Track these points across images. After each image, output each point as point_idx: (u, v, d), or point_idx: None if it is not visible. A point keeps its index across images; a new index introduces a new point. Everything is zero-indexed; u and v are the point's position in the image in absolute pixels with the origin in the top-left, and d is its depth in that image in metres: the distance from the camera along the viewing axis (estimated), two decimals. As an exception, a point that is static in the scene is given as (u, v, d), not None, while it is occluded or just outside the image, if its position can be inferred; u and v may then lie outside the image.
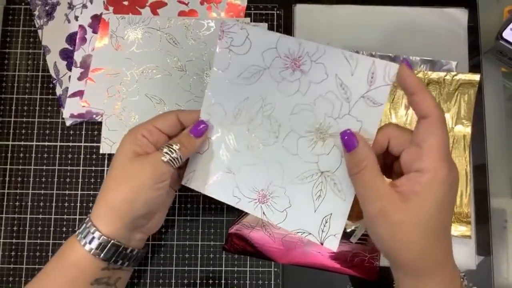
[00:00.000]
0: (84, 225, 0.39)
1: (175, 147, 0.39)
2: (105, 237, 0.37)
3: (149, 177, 0.38)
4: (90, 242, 0.37)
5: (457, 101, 0.50)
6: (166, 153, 0.38)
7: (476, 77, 0.49)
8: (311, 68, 0.37)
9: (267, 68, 0.38)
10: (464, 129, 0.50)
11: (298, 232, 0.38)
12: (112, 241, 0.38)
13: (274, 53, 0.38)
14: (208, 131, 0.41)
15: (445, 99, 0.50)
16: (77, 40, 0.54)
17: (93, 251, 0.37)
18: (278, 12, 0.55)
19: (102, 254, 0.38)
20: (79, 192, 0.51)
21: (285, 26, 0.54)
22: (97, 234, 0.37)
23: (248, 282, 0.49)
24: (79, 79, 0.53)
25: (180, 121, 0.41)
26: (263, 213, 0.39)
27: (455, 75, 0.50)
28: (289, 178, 0.38)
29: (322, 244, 0.37)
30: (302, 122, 0.37)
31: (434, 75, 0.50)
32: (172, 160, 0.38)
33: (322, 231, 0.38)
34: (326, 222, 0.37)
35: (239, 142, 0.40)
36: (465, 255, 0.49)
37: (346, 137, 0.35)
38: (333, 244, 0.37)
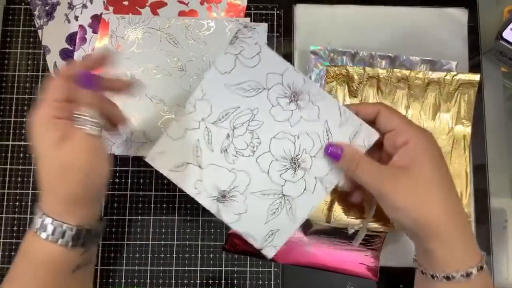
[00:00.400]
0: (44, 222, 0.36)
1: (93, 114, 0.36)
2: (78, 228, 0.36)
3: (91, 158, 0.36)
4: (63, 237, 0.35)
5: (457, 101, 0.50)
6: (91, 126, 0.36)
7: (476, 77, 0.49)
8: (307, 107, 0.40)
9: (266, 89, 0.41)
10: (464, 129, 0.50)
11: (243, 234, 0.41)
12: (85, 229, 0.37)
13: (278, 79, 0.40)
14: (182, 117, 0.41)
15: (445, 99, 0.50)
16: (77, 40, 0.54)
17: (70, 244, 0.36)
18: (278, 12, 0.55)
19: (78, 244, 0.36)
20: (79, 192, 0.51)
21: (285, 26, 0.54)
22: (66, 226, 0.35)
23: (248, 282, 0.49)
24: (79, 79, 0.53)
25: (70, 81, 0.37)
26: (218, 209, 0.41)
27: (455, 75, 0.50)
28: (252, 190, 0.41)
29: (260, 250, 0.41)
30: (281, 147, 0.41)
31: (434, 75, 0.50)
32: (99, 128, 0.37)
33: (265, 240, 0.41)
34: (272, 235, 0.41)
35: (215, 143, 0.41)
36: (465, 255, 0.49)
37: (329, 150, 0.40)
38: (270, 253, 0.41)
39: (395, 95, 0.50)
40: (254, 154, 0.41)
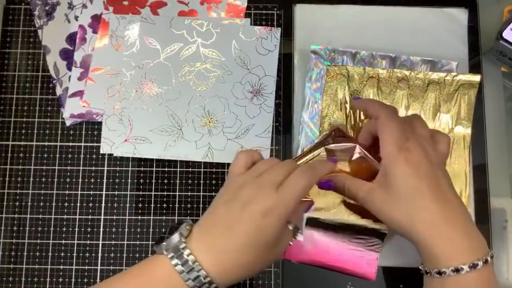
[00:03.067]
0: (196, 274, 0.34)
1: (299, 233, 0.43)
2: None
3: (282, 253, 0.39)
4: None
5: (457, 102, 0.50)
6: (294, 237, 0.40)
7: (477, 78, 0.49)
8: None
9: None
10: (464, 130, 0.50)
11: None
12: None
13: None
14: None
15: (445, 100, 0.50)
16: (77, 40, 0.54)
17: None
18: (278, 12, 0.55)
19: None
20: (79, 192, 0.51)
21: (285, 26, 0.54)
22: (214, 286, 0.35)
23: (248, 282, 0.49)
24: (79, 79, 0.53)
25: None
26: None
27: (456, 75, 0.50)
28: None
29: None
30: None
31: (435, 75, 0.50)
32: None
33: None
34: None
35: None
36: (465, 255, 0.49)
37: (322, 185, 0.44)
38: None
39: (395, 95, 0.50)
40: None
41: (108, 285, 0.36)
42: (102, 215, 0.51)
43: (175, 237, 0.35)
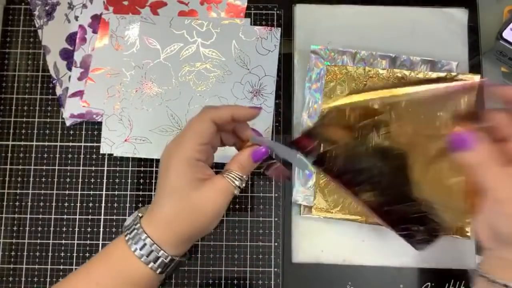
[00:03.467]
0: (146, 244, 0.37)
1: (244, 177, 0.39)
2: (172, 259, 0.38)
3: (222, 207, 0.38)
4: (155, 262, 0.37)
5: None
6: (238, 186, 0.38)
7: (477, 78, 0.49)
8: None
9: None
10: (464, 130, 0.49)
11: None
12: (177, 260, 0.38)
13: None
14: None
15: (445, 100, 0.50)
16: (77, 40, 0.54)
17: (159, 270, 0.37)
18: (278, 12, 0.55)
19: (165, 271, 0.38)
20: (79, 192, 0.51)
21: (285, 26, 0.54)
22: (162, 253, 0.37)
23: (248, 282, 0.49)
24: (79, 79, 0.53)
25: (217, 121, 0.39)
26: None
27: (455, 75, 0.50)
28: None
29: None
30: None
31: (435, 75, 0.50)
32: (243, 182, 0.39)
33: None
34: None
35: None
36: (465, 255, 0.49)
37: (456, 137, 0.35)
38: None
39: (395, 95, 0.50)
40: None
41: (75, 278, 0.38)
42: (102, 215, 0.51)
43: (134, 214, 0.39)
